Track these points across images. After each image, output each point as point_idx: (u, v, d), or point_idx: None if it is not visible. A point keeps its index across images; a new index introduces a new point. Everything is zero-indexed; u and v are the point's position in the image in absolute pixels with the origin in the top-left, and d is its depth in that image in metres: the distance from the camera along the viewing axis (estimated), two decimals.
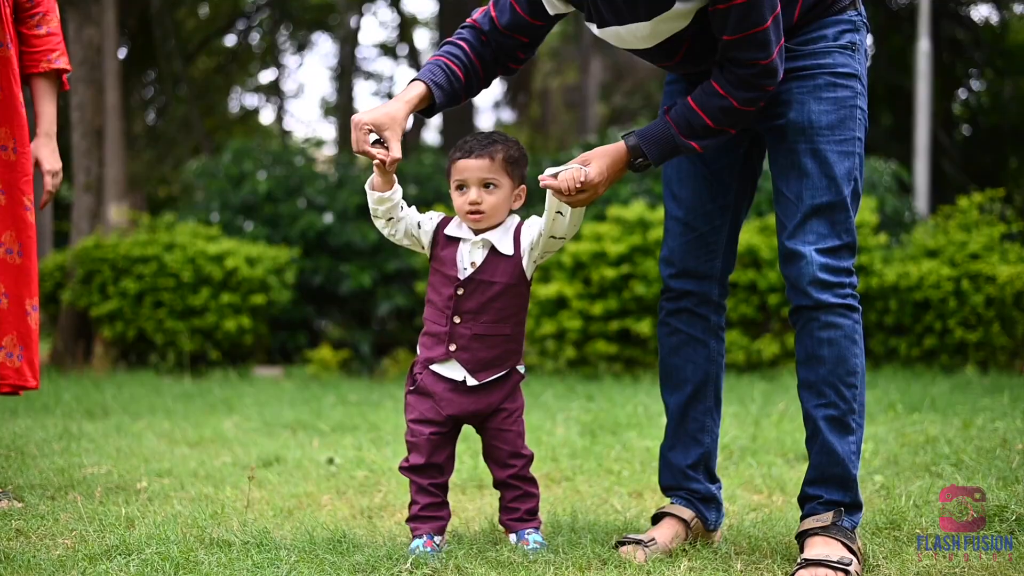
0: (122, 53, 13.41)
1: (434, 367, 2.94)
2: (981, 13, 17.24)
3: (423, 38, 22.95)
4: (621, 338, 8.32)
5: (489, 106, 23.37)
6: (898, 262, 8.31)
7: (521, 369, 2.99)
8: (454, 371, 2.92)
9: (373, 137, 2.79)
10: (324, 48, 32.39)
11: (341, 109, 20.25)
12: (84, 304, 8.96)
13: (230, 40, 20.16)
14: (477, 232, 2.92)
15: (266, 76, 21.63)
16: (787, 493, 3.75)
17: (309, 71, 45.28)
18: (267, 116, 23.22)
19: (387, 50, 22.87)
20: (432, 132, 20.42)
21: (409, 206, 2.97)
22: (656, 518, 3.08)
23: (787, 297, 2.88)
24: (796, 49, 2.84)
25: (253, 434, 5.28)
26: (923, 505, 3.35)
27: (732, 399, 6.11)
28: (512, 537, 2.97)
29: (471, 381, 2.91)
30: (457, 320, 2.90)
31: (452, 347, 2.90)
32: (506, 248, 2.90)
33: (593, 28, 2.89)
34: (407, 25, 20.79)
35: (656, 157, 2.82)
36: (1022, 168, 17.22)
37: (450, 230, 2.95)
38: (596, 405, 6.09)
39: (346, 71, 19.58)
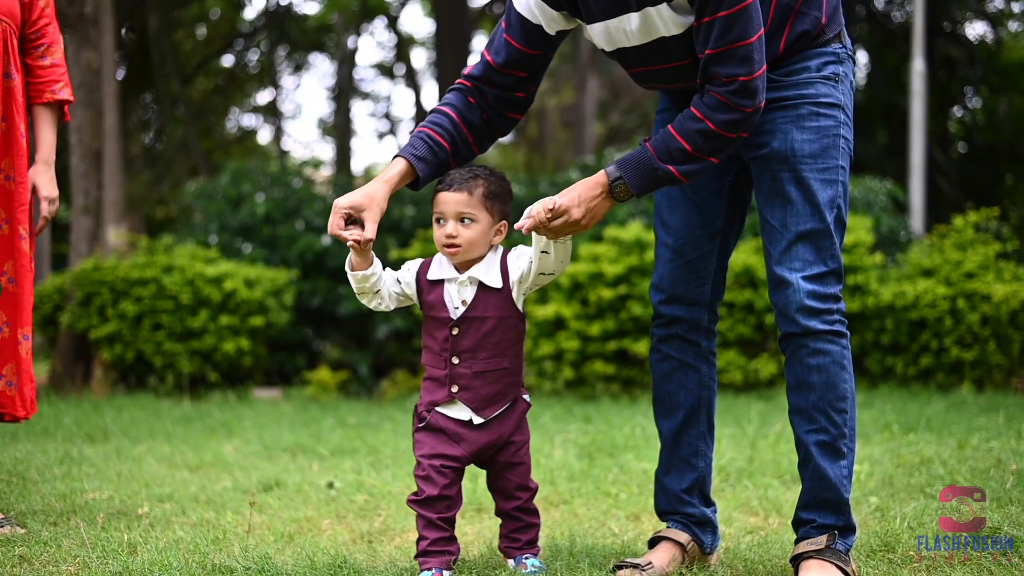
0: (120, 75, 13.47)
1: (439, 409, 2.95)
2: (976, 31, 17.34)
3: (420, 58, 23.04)
4: (619, 358, 8.35)
5: None
6: (894, 281, 8.34)
7: (526, 397, 3.02)
8: (460, 412, 2.93)
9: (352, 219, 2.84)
10: (322, 68, 32.45)
11: (339, 129, 20.33)
12: (83, 327, 8.98)
13: (228, 61, 20.24)
14: (460, 269, 2.94)
15: (264, 97, 21.71)
16: (783, 515, 3.78)
17: (307, 91, 45.57)
18: (265, 136, 23.29)
19: (384, 70, 22.97)
20: None
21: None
22: (653, 542, 3.12)
23: (776, 324, 2.91)
24: (779, 80, 2.88)
25: (253, 458, 5.30)
26: (917, 527, 3.38)
27: (729, 420, 6.14)
28: (511, 562, 3.00)
29: (477, 420, 2.93)
30: (456, 361, 2.92)
31: (454, 388, 2.92)
32: (494, 281, 2.92)
33: (584, 28, 2.92)
34: (404, 45, 20.87)
35: (635, 181, 2.81)
36: (1018, 185, 17.29)
37: (432, 273, 2.96)
38: (594, 427, 6.10)
39: (344, 91, 19.68)
